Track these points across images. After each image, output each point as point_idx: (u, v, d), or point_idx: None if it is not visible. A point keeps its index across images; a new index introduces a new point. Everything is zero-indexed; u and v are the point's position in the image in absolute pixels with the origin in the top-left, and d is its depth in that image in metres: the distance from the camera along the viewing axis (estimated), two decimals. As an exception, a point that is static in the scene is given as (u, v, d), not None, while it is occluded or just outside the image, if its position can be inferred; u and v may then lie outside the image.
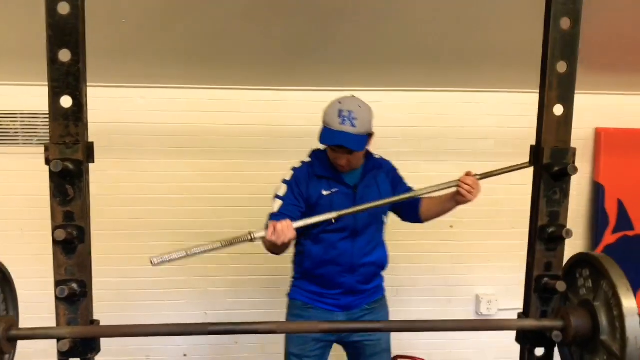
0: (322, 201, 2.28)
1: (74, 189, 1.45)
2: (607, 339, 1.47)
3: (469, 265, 3.74)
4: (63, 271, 1.47)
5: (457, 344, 3.76)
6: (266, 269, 3.59)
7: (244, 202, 3.52)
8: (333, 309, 2.37)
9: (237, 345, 3.65)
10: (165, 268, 3.50)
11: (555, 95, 1.53)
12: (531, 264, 1.59)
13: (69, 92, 1.42)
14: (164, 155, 3.46)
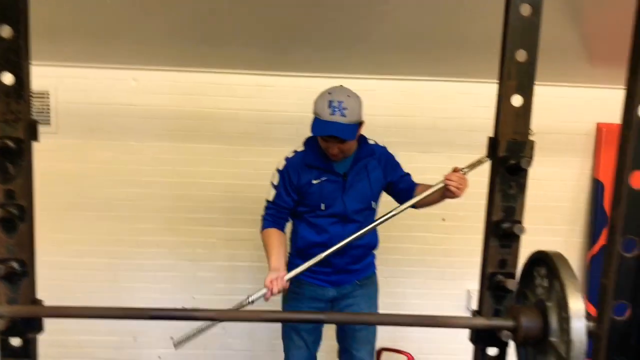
0: (312, 189, 2.43)
1: (15, 167, 1.44)
2: (556, 341, 1.41)
3: (460, 260, 3.68)
4: (3, 250, 1.46)
5: (445, 337, 3.71)
6: (256, 255, 3.58)
7: (234, 188, 3.51)
8: (324, 284, 2.53)
9: (224, 331, 3.66)
10: (154, 251, 3.54)
11: (513, 85, 1.46)
12: (485, 261, 1.53)
13: (10, 68, 1.40)
14: (155, 138, 3.46)
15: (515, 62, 1.45)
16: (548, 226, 3.64)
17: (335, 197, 2.43)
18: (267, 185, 3.48)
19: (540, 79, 3.56)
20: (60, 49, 3.16)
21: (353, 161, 2.47)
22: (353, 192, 2.45)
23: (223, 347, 3.66)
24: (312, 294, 2.54)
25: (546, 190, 3.60)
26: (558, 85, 3.51)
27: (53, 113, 3.35)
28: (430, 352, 3.68)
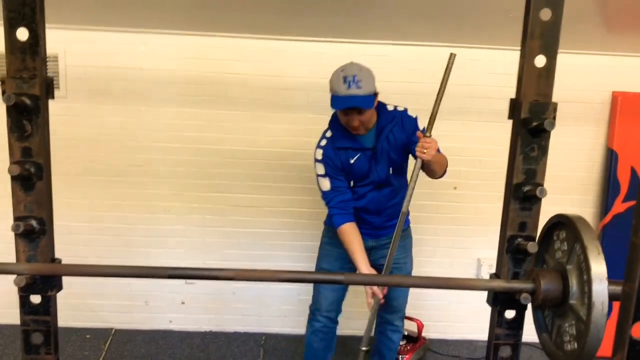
0: (352, 168, 2.59)
1: (31, 124, 1.43)
2: (576, 304, 1.40)
3: (471, 228, 3.67)
4: (22, 207, 1.46)
5: (455, 306, 3.74)
6: (264, 222, 3.59)
7: (243, 154, 3.49)
8: (364, 236, 2.64)
9: (234, 296, 3.68)
10: (163, 217, 3.55)
11: (537, 45, 1.43)
12: (505, 224, 1.52)
13: (25, 23, 1.38)
14: (164, 103, 3.43)
15: (540, 21, 1.42)
16: (560, 195, 3.61)
17: (370, 169, 2.58)
18: (276, 152, 3.50)
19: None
20: (69, 12, 3.10)
21: (377, 133, 2.58)
22: (383, 162, 2.58)
23: (233, 312, 3.69)
24: None
25: (559, 159, 3.56)
26: (572, 53, 3.44)
27: (62, 77, 3.31)
28: (440, 320, 3.70)
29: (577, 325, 1.41)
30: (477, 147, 3.57)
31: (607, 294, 1.31)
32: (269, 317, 3.72)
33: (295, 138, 3.44)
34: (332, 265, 2.76)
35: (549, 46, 1.41)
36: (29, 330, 1.52)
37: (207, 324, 3.71)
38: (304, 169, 3.48)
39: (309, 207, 3.50)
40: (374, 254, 2.72)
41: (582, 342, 1.36)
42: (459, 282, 1.48)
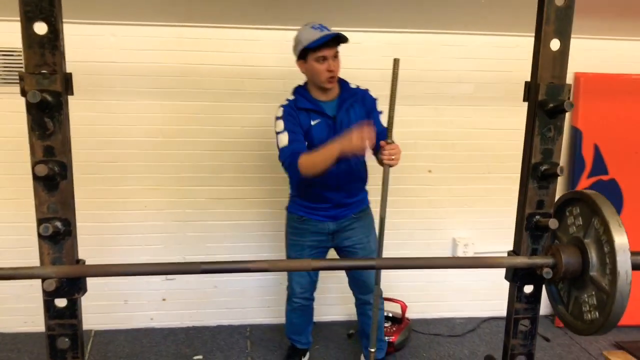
0: (311, 131, 2.60)
1: (53, 122, 1.38)
2: (597, 275, 1.48)
3: (446, 210, 3.77)
4: (45, 209, 1.41)
5: (434, 285, 3.84)
6: (244, 213, 3.56)
7: (219, 146, 3.45)
8: (324, 219, 2.75)
9: (216, 289, 3.65)
10: (142, 212, 3.48)
11: (552, 30, 1.49)
12: (523, 202, 1.58)
13: (43, 17, 1.33)
14: (137, 96, 3.33)
15: (554, 7, 1.48)
16: (528, 174, 3.76)
17: (329, 137, 2.52)
18: (255, 142, 3.47)
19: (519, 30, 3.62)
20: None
21: (339, 103, 2.64)
22: (342, 132, 2.50)
23: (215, 306, 3.65)
24: (314, 229, 2.76)
25: (526, 139, 3.71)
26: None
27: (28, 72, 3.17)
28: (418, 300, 3.79)
29: (597, 296, 1.49)
30: (450, 131, 3.65)
31: (630, 264, 1.39)
32: (252, 309, 3.71)
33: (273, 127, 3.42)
34: (299, 254, 2.80)
35: (563, 30, 1.48)
36: (55, 335, 1.48)
37: (189, 319, 3.66)
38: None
39: (289, 197, 3.50)
40: (337, 238, 2.80)
41: (606, 311, 1.44)
42: (483, 261, 1.54)
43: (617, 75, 3.61)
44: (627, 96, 3.63)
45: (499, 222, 3.74)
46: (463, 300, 3.90)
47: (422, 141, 3.64)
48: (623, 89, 3.62)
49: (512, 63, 3.57)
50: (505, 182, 3.72)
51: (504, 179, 3.72)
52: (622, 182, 3.70)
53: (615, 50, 3.67)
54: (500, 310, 3.94)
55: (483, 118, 3.66)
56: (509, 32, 3.53)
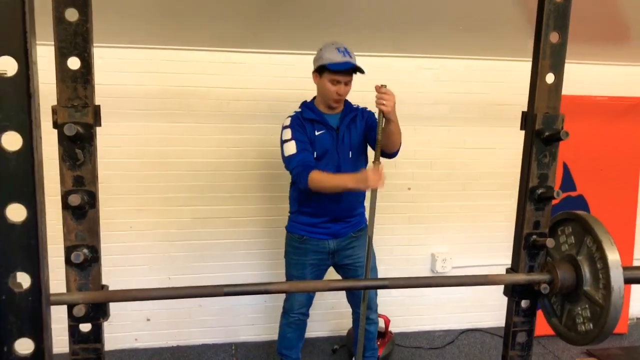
0: (316, 141, 2.72)
1: (83, 153, 1.43)
2: (590, 290, 1.61)
3: (425, 226, 3.90)
4: (73, 237, 1.45)
5: (414, 300, 3.96)
6: (229, 232, 3.61)
7: (203, 166, 3.50)
8: (325, 237, 2.84)
9: (201, 309, 3.67)
10: (127, 233, 3.48)
11: (547, 64, 1.62)
12: (521, 223, 1.69)
13: (77, 53, 1.38)
14: (122, 117, 3.36)
15: (549, 43, 1.61)
16: (500, 191, 3.94)
17: (332, 149, 2.73)
18: (239, 162, 3.53)
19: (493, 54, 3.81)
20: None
21: (341, 117, 2.80)
22: (344, 143, 2.75)
23: (200, 325, 3.68)
24: (315, 248, 2.83)
25: (498, 157, 3.89)
26: (508, 60, 3.77)
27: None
28: (401, 314, 3.90)
29: (591, 308, 1.62)
30: (428, 150, 3.79)
31: (623, 279, 1.52)
32: (236, 327, 3.74)
33: (258, 148, 3.50)
34: (301, 272, 2.85)
35: (557, 65, 1.61)
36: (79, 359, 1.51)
37: (173, 339, 3.67)
38: (267, 177, 3.55)
39: (273, 215, 3.57)
40: (337, 256, 2.89)
41: (600, 322, 1.56)
42: (485, 279, 1.64)
43: (583, 97, 3.82)
44: (592, 117, 3.85)
45: (475, 237, 3.90)
46: (441, 313, 4.03)
47: (401, 160, 3.73)
48: (588, 110, 3.84)
49: (486, 85, 3.75)
50: (480, 199, 3.88)
51: (479, 196, 3.88)
52: (589, 197, 3.91)
53: (581, 73, 3.89)
54: (477, 322, 4.12)
55: (459, 137, 3.82)
56: (483, 56, 3.71)
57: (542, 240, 1.67)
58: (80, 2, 1.37)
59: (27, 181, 0.95)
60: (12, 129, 0.92)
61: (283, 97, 3.18)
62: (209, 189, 3.54)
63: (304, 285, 1.53)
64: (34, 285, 0.99)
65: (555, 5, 1.59)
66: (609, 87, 3.91)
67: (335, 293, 3.58)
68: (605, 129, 3.89)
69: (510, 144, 3.83)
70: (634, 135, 3.90)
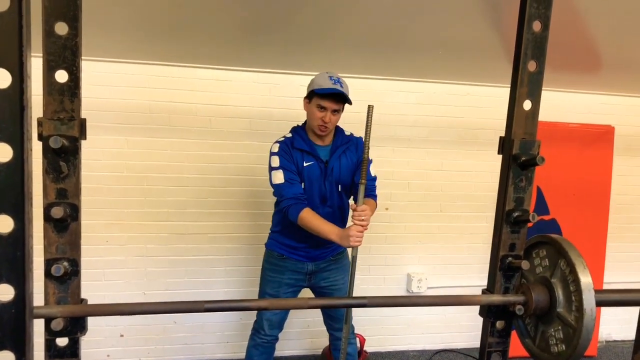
0: (304, 172, 2.70)
1: (68, 165, 1.43)
2: (563, 311, 1.65)
3: (402, 246, 3.94)
4: (54, 249, 1.45)
5: (389, 320, 3.97)
6: (204, 249, 3.60)
7: (184, 182, 3.50)
8: (303, 259, 2.85)
9: (175, 325, 3.64)
10: (104, 247, 3.45)
11: (525, 92, 1.67)
12: (497, 245, 1.73)
13: (65, 66, 1.39)
14: (103, 131, 3.35)
15: (527, 72, 1.66)
16: (476, 213, 4.00)
17: (320, 181, 2.72)
18: (220, 179, 3.53)
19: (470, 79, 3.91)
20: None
21: (332, 149, 2.77)
22: (332, 177, 2.74)
23: (174, 342, 3.64)
24: (293, 267, 2.85)
25: (475, 180, 3.96)
26: (485, 85, 3.87)
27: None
28: (375, 334, 3.91)
29: (564, 330, 1.66)
30: (405, 171, 3.85)
31: (595, 302, 1.57)
32: (211, 344, 3.71)
33: (238, 165, 3.51)
34: (276, 290, 2.87)
35: (534, 92, 1.66)
36: (55, 374, 1.50)
37: (147, 356, 3.63)
38: (247, 194, 3.56)
39: (252, 232, 3.58)
40: (314, 278, 2.91)
41: (573, 344, 1.60)
42: (463, 299, 1.67)
43: (556, 123, 3.93)
44: (564, 143, 3.96)
45: (450, 258, 3.95)
46: (416, 333, 4.05)
47: (379, 180, 3.78)
48: (561, 137, 3.94)
49: (463, 110, 3.83)
50: (456, 220, 3.94)
51: (456, 217, 3.94)
52: (561, 221, 3.99)
53: (554, 101, 4.00)
54: (450, 343, 4.15)
55: (436, 160, 3.88)
56: (460, 81, 3.80)
57: (517, 263, 1.71)
58: (71, 16, 1.38)
59: (16, 193, 0.95)
60: (3, 141, 0.93)
61: (266, 115, 3.21)
62: (188, 204, 3.53)
63: (283, 303, 1.54)
64: (17, 297, 0.99)
65: (533, 35, 1.65)
66: (581, 115, 4.03)
67: (311, 311, 3.58)
68: (577, 154, 3.99)
69: (486, 166, 3.90)
70: (604, 161, 4.02)
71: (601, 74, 3.82)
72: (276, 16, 2.89)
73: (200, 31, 3.00)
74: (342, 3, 2.83)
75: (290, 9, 2.79)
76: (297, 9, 2.80)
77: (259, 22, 2.88)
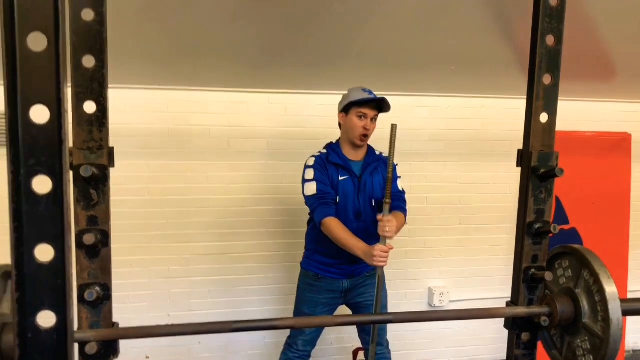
0: (339, 186, 2.76)
1: (98, 193, 1.47)
2: (589, 322, 1.65)
3: (421, 260, 3.94)
4: (86, 275, 1.49)
5: (412, 334, 3.96)
6: (226, 269, 3.63)
7: (206, 203, 3.54)
8: (339, 277, 2.87)
9: (200, 345, 3.66)
10: (128, 271, 3.49)
11: (541, 105, 1.69)
12: (519, 257, 1.74)
13: (93, 97, 1.44)
14: (124, 156, 3.40)
15: (543, 85, 1.69)
16: (495, 224, 4.00)
17: (354, 196, 2.77)
18: (240, 199, 3.58)
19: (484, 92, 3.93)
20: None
21: (364, 165, 2.84)
22: (366, 191, 2.80)
23: (199, 362, 3.68)
24: (329, 287, 2.86)
25: (493, 192, 3.96)
26: (499, 97, 3.88)
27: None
28: (399, 349, 3.89)
29: (591, 341, 1.66)
30: (423, 185, 3.86)
31: (621, 311, 1.57)
32: (236, 364, 3.73)
33: (257, 184, 3.56)
34: (313, 310, 2.88)
35: (550, 105, 1.68)
36: (88, 398, 1.53)
37: (172, 377, 3.65)
38: (267, 213, 3.59)
39: (274, 251, 3.61)
40: (349, 295, 2.93)
41: (601, 354, 1.60)
42: (486, 312, 1.68)
43: (571, 132, 3.93)
44: (581, 152, 3.95)
45: (472, 271, 3.94)
46: (439, 347, 4.04)
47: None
48: (577, 146, 3.94)
49: (479, 122, 3.85)
50: (476, 233, 3.94)
51: (475, 230, 3.94)
52: (581, 230, 3.97)
53: (569, 110, 4.01)
54: (474, 356, 4.13)
55: (453, 173, 3.90)
56: (475, 95, 3.82)
57: (540, 274, 1.72)
58: (97, 49, 1.43)
59: (56, 223, 0.99)
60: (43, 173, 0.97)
61: (282, 135, 3.25)
62: (209, 225, 3.58)
63: (309, 321, 1.55)
64: (59, 323, 1.02)
65: (547, 50, 1.67)
66: (597, 123, 4.02)
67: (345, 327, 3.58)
68: (594, 163, 3.98)
69: (504, 178, 3.91)
70: (623, 169, 4.00)
71: (615, 82, 3.83)
72: (289, 37, 2.95)
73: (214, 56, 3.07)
74: (355, 21, 2.88)
75: (303, 30, 2.84)
76: (310, 30, 2.85)
77: (272, 44, 2.94)
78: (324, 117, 2.86)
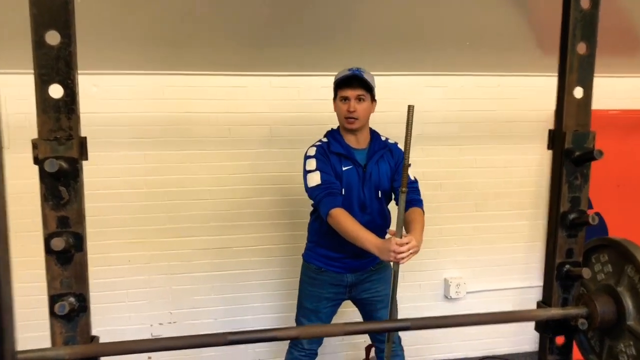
0: (342, 176, 2.56)
1: (68, 190, 1.29)
2: (634, 324, 1.45)
3: (436, 250, 3.75)
4: (58, 284, 1.31)
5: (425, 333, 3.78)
6: (229, 263, 3.46)
7: (205, 195, 3.38)
8: (342, 271, 2.70)
9: (204, 346, 3.50)
10: (126, 267, 3.32)
11: (575, 78, 1.48)
12: (552, 252, 1.54)
13: (59, 79, 1.25)
14: (120, 147, 3.24)
15: (577, 55, 1.47)
16: (514, 211, 3.79)
17: (358, 186, 2.58)
18: (242, 189, 3.39)
19: (500, 70, 3.68)
20: (8, 55, 2.87)
21: (369, 154, 2.63)
22: (371, 182, 2.60)
23: (204, 361, 3.52)
24: (332, 281, 2.71)
25: (511, 176, 3.74)
26: (516, 75, 3.65)
27: (4, 125, 3.04)
28: (413, 344, 3.72)
29: (637, 346, 1.46)
30: (436, 171, 3.66)
31: (673, 313, 1.37)
32: (242, 364, 3.57)
33: (260, 174, 3.37)
34: (316, 305, 2.75)
35: (586, 78, 1.47)
36: (66, 420, 1.35)
37: (176, 377, 3.50)
38: (271, 204, 3.41)
39: (280, 243, 3.43)
40: (354, 290, 2.76)
41: (649, 362, 1.40)
42: (516, 315, 1.49)
43: (595, 111, 3.68)
44: (604, 131, 3.71)
45: (489, 260, 3.74)
46: (455, 340, 3.85)
47: (409, 182, 3.63)
48: (600, 125, 3.68)
49: (495, 102, 3.62)
50: (493, 220, 3.73)
51: (492, 217, 3.73)
52: (605, 214, 3.75)
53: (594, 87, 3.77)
54: (493, 349, 3.94)
55: (468, 157, 3.69)
56: (490, 72, 3.59)
57: (576, 270, 1.52)
58: (62, 24, 1.23)
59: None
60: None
61: (286, 121, 3.04)
62: (211, 218, 3.40)
63: (316, 330, 1.37)
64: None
65: (582, 14, 1.46)
66: (621, 100, 3.79)
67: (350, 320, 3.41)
68: (619, 143, 3.76)
69: (522, 161, 3.70)
70: (649, 149, 3.77)
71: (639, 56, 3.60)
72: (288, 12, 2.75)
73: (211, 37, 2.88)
74: None
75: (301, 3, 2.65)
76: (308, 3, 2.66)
77: (270, 20, 2.74)
78: (330, 100, 2.64)
